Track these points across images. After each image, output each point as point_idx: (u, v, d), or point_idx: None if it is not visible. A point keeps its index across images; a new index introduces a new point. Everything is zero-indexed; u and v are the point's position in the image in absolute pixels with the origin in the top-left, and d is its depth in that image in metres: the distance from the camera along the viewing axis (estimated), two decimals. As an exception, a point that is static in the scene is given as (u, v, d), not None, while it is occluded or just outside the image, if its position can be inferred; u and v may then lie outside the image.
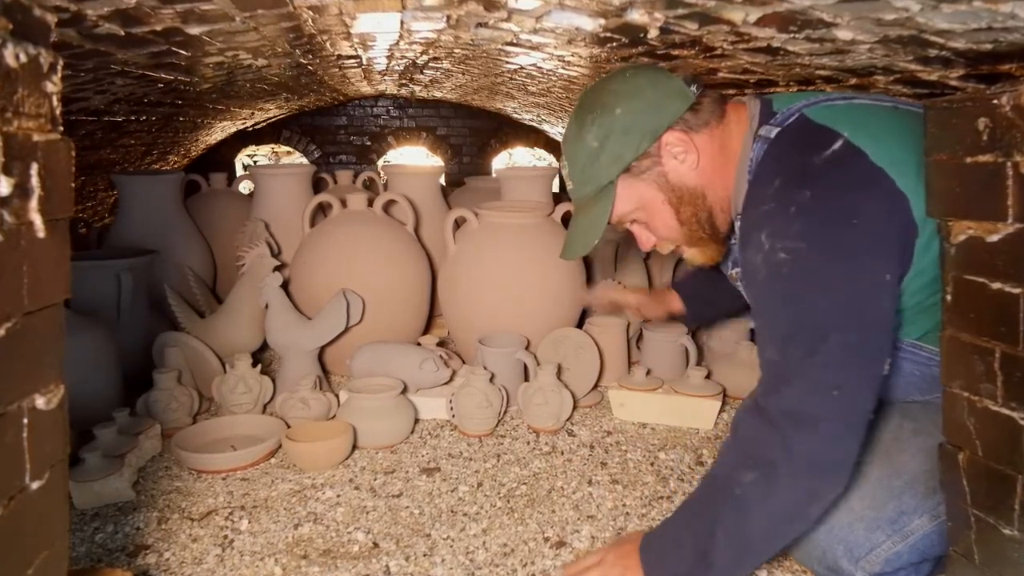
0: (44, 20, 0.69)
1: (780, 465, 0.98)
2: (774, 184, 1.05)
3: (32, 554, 0.69)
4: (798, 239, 0.99)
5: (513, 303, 1.99)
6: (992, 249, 0.86)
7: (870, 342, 0.99)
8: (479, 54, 2.13)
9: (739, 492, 1.00)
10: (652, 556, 1.09)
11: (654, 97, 1.11)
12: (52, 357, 0.71)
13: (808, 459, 0.97)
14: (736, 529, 1.01)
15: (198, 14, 1.30)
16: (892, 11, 0.97)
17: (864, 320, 0.98)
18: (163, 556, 1.25)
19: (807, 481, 0.98)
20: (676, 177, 1.13)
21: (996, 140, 0.83)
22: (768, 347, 1.04)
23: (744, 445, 1.03)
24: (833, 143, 1.03)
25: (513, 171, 2.87)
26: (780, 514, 1.01)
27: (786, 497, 0.99)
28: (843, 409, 0.97)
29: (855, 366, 0.97)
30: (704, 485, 1.09)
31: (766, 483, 0.98)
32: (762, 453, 0.99)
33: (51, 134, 0.68)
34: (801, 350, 0.98)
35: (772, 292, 1.04)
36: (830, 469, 0.98)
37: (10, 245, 0.63)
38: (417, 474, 1.56)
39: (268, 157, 5.82)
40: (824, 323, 0.97)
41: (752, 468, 1.00)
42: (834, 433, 0.97)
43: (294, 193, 2.55)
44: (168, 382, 1.75)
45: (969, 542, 0.93)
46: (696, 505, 1.08)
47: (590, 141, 1.13)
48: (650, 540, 1.11)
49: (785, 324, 1.01)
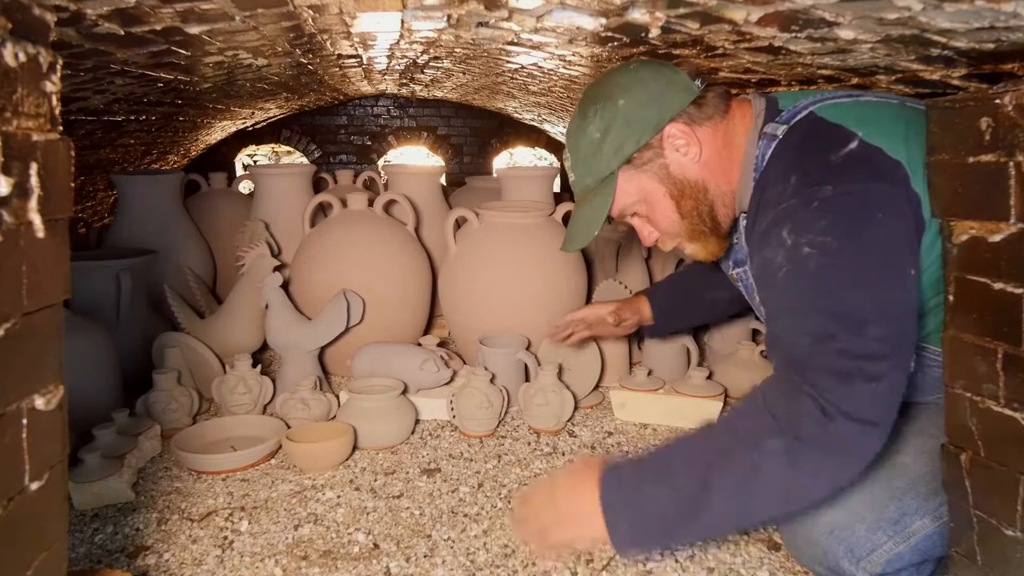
0: (43, 19, 0.69)
1: (813, 445, 0.93)
2: (790, 181, 1.04)
3: (31, 555, 0.69)
4: (824, 233, 0.98)
5: (514, 303, 1.98)
6: (994, 249, 0.86)
7: (903, 334, 0.97)
8: (480, 53, 2.13)
9: (757, 457, 0.94)
10: (616, 492, 0.99)
11: (657, 89, 1.11)
12: (51, 357, 0.71)
13: (841, 444, 0.93)
14: (742, 492, 0.95)
15: (198, 13, 1.29)
16: (894, 10, 0.97)
17: (896, 313, 0.96)
18: (163, 557, 1.25)
19: (833, 464, 0.94)
20: (678, 169, 1.13)
21: (998, 140, 0.83)
22: (798, 336, 0.99)
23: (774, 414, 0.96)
24: (849, 141, 1.03)
25: (514, 171, 2.87)
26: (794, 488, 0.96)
27: (807, 475, 0.94)
28: (877, 400, 0.94)
29: (890, 359, 0.94)
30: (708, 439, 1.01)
31: (792, 457, 0.93)
32: (796, 429, 0.93)
33: (50, 134, 0.68)
34: (837, 344, 0.94)
35: (800, 287, 1.00)
36: (858, 457, 0.95)
37: (9, 245, 0.63)
38: (418, 475, 1.56)
39: (268, 157, 5.81)
40: (859, 317, 0.95)
41: (780, 438, 0.94)
42: (868, 424, 0.93)
43: (294, 193, 2.55)
44: (168, 383, 1.74)
45: (971, 543, 0.93)
46: (692, 452, 1.00)
47: (592, 132, 1.13)
48: (619, 474, 1.01)
49: (819, 319, 0.97)
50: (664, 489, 0.97)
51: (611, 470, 1.02)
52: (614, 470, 1.02)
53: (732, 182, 1.15)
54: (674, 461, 1.00)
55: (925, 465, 1.09)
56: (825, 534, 1.11)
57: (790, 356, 0.99)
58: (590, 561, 1.24)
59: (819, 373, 0.94)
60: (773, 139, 1.10)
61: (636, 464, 1.02)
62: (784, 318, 1.03)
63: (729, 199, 1.17)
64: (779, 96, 1.17)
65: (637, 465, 1.02)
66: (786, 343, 1.01)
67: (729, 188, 1.16)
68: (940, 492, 1.01)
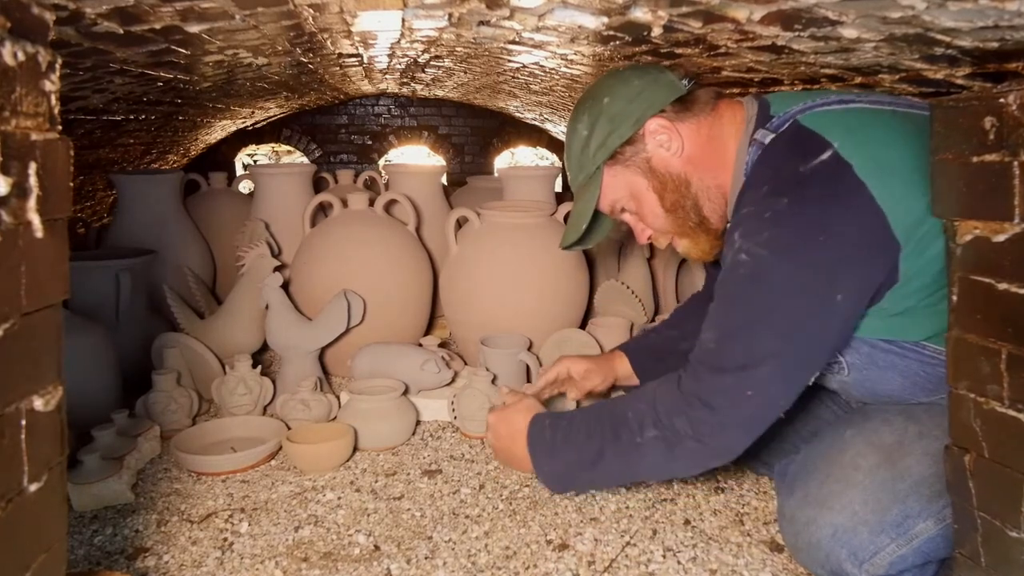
0: (42, 18, 0.68)
1: (684, 439, 1.11)
2: (762, 190, 1.08)
3: (30, 557, 0.69)
4: (763, 246, 1.04)
5: (515, 304, 1.98)
6: (999, 249, 0.85)
7: (800, 358, 1.06)
8: (481, 52, 2.12)
9: (639, 440, 1.16)
10: (538, 443, 1.29)
11: (640, 86, 1.17)
12: (50, 358, 0.71)
13: (707, 442, 1.10)
14: (625, 463, 1.19)
15: (197, 12, 1.29)
16: (898, 9, 0.96)
17: (801, 336, 1.04)
18: (162, 559, 1.24)
19: (701, 456, 1.14)
20: (659, 163, 1.18)
21: (1003, 139, 0.83)
22: (708, 332, 1.12)
23: (657, 407, 1.15)
24: (821, 153, 1.05)
25: (516, 170, 2.86)
26: (668, 468, 1.19)
27: (681, 461, 1.15)
28: (751, 412, 1.08)
29: (776, 379, 1.06)
30: (603, 415, 1.23)
31: (667, 446, 1.13)
32: (671, 422, 1.12)
33: (49, 133, 0.68)
34: (733, 349, 1.06)
35: (726, 288, 1.10)
36: (722, 454, 1.13)
37: (8, 245, 0.62)
38: (419, 476, 1.55)
39: (268, 156, 5.81)
40: (761, 332, 1.04)
41: (657, 428, 1.14)
42: (736, 429, 1.09)
43: (294, 193, 2.54)
44: (167, 383, 1.74)
45: (975, 545, 0.92)
46: (592, 427, 1.23)
47: (581, 130, 1.20)
48: (540, 431, 1.29)
49: (728, 321, 1.09)
50: (571, 449, 1.25)
51: (536, 420, 1.31)
52: (538, 421, 1.31)
53: (719, 177, 1.19)
54: (581, 428, 1.25)
55: (928, 467, 1.09)
56: (828, 537, 1.10)
57: (699, 341, 1.13)
58: (592, 563, 1.23)
59: (705, 376, 1.10)
60: (760, 146, 1.13)
61: (554, 424, 1.29)
62: (711, 306, 1.14)
63: (715, 194, 1.20)
64: (772, 100, 1.18)
65: (554, 426, 1.28)
66: (704, 327, 1.14)
67: (715, 183, 1.19)
68: (943, 494, 1.01)
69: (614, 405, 1.25)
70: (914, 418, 1.17)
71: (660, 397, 1.16)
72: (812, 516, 1.13)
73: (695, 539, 1.30)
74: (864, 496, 1.10)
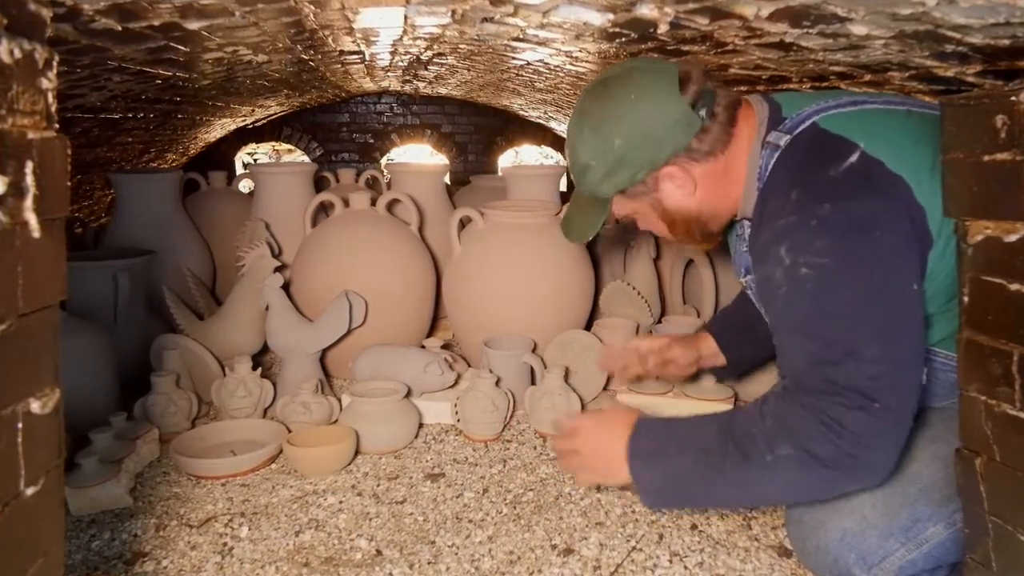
0: (39, 15, 0.67)
1: (823, 460, 0.97)
2: (790, 196, 1.04)
3: (27, 562, 0.68)
4: (821, 254, 0.99)
5: (519, 305, 1.97)
6: (1010, 249, 0.84)
7: (908, 353, 0.99)
8: (485, 50, 2.12)
9: (770, 459, 1.00)
10: (645, 450, 1.09)
11: (656, 128, 1.07)
12: (47, 360, 0.70)
13: (850, 463, 0.97)
14: (752, 482, 1.03)
15: (197, 9, 1.28)
16: (908, 5, 0.95)
17: (900, 332, 0.98)
18: (161, 564, 1.23)
19: (841, 480, 1.00)
20: (671, 203, 1.15)
21: (1015, 138, 0.81)
22: (796, 361, 1.03)
23: (784, 425, 1.01)
24: (850, 155, 1.02)
25: (520, 169, 2.85)
26: (801, 490, 1.05)
27: (814, 483, 1.01)
28: (885, 422, 0.97)
29: (895, 379, 0.97)
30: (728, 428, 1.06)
31: (802, 466, 0.99)
32: (806, 442, 0.98)
33: (46, 132, 0.67)
34: (841, 368, 0.97)
35: (797, 309, 1.03)
36: (867, 475, 1.00)
37: (4, 245, 0.61)
38: (421, 480, 1.54)
39: (269, 155, 5.80)
40: (854, 342, 0.97)
41: (790, 445, 0.99)
42: (877, 445, 0.97)
43: (295, 192, 2.53)
44: (166, 386, 1.73)
45: (987, 549, 0.91)
46: (710, 439, 1.06)
47: (585, 156, 1.12)
48: (650, 432, 1.11)
49: (814, 344, 1.00)
50: (686, 459, 1.06)
51: (642, 426, 1.11)
52: (645, 427, 1.11)
53: (732, 195, 1.16)
54: (699, 436, 1.07)
55: (938, 471, 1.08)
56: (836, 541, 1.10)
57: (792, 372, 1.04)
58: (597, 568, 1.22)
59: (817, 395, 0.98)
60: (776, 149, 1.09)
61: (666, 428, 1.12)
62: (784, 335, 1.07)
63: (725, 213, 1.19)
64: (782, 101, 1.15)
65: (667, 430, 1.12)
66: (788, 358, 1.06)
67: (726, 205, 1.17)
68: (953, 499, 1.00)
69: (731, 418, 1.09)
70: (924, 422, 1.16)
71: (785, 419, 1.01)
72: (820, 520, 1.12)
73: (702, 544, 1.29)
74: (873, 500, 1.09)
